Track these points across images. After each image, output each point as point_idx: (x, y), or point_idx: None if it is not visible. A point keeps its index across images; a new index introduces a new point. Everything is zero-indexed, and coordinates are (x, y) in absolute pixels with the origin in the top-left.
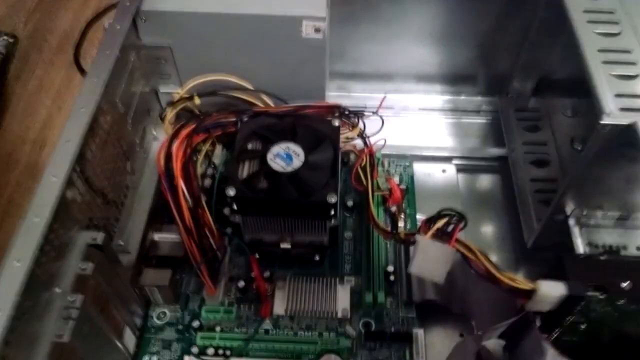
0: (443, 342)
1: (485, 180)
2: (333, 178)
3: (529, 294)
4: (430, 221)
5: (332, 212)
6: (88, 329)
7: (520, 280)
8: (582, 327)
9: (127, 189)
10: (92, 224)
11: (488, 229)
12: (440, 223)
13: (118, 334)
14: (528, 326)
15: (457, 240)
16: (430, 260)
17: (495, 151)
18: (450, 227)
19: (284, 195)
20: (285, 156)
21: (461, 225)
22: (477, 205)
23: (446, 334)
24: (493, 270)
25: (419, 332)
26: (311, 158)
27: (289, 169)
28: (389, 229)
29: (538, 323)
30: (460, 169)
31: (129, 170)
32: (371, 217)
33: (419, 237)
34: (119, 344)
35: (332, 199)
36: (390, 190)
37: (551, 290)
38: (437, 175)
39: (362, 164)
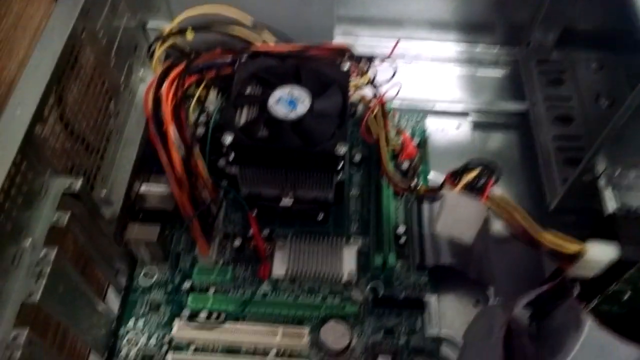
0: (457, 309)
1: (503, 138)
2: (342, 127)
3: (573, 257)
4: (455, 175)
5: (340, 165)
6: (63, 288)
7: (565, 241)
8: (626, 296)
9: (111, 134)
10: (70, 173)
11: (506, 190)
12: (469, 176)
13: (99, 295)
14: (564, 294)
15: (490, 196)
16: (458, 218)
17: (514, 106)
18: (481, 182)
19: (286, 144)
20: (289, 102)
21: (494, 178)
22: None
23: (461, 301)
24: (532, 230)
25: (431, 299)
26: (317, 104)
27: (293, 115)
28: (406, 183)
29: (576, 291)
30: (476, 125)
31: (112, 112)
32: (384, 171)
33: (446, 192)
34: (100, 306)
35: (341, 149)
36: (403, 144)
37: (601, 253)
38: (451, 131)
39: (373, 114)
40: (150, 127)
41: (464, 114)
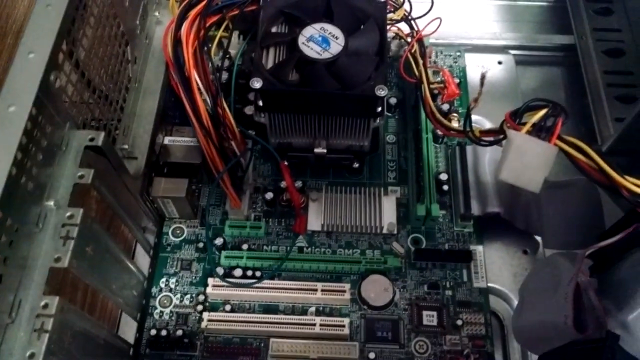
0: (504, 260)
1: (549, 74)
2: (381, 66)
3: None
4: (516, 115)
5: (379, 109)
6: (92, 250)
7: None
8: None
9: (129, 82)
10: (89, 126)
11: None
12: (537, 115)
13: (128, 255)
14: (632, 244)
15: (561, 137)
16: (527, 163)
17: (561, 39)
18: (550, 122)
19: (320, 88)
20: (321, 40)
21: (562, 118)
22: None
23: (508, 252)
24: (613, 173)
25: (477, 249)
26: (353, 42)
27: (327, 55)
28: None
29: None
30: (519, 61)
31: (129, 58)
32: (430, 113)
33: (512, 134)
34: (130, 265)
35: (382, 91)
36: (444, 84)
37: None
38: (492, 68)
39: (412, 51)
40: (172, 73)
41: (505, 49)
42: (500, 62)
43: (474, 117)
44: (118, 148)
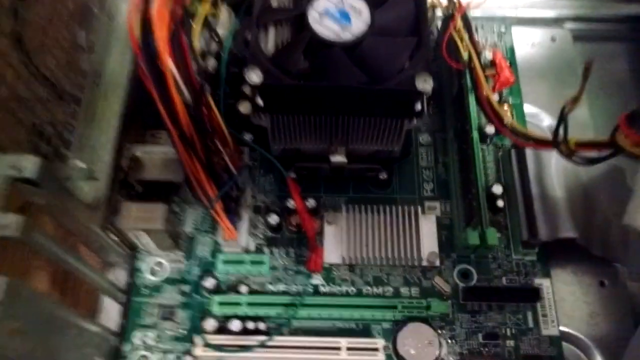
0: (576, 296)
1: (612, 50)
2: (421, 48)
3: None
4: (636, 119)
5: (419, 107)
6: (26, 322)
7: None
8: None
9: (85, 76)
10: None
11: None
12: None
13: (89, 311)
14: None
15: None
16: None
17: (626, 9)
18: None
19: (341, 81)
20: (339, 15)
21: None
22: (602, 85)
23: (580, 285)
24: None
25: (544, 284)
26: (381, 16)
27: (347, 36)
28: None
29: None
30: (576, 36)
31: (83, 45)
32: (491, 112)
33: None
34: (89, 327)
35: (425, 84)
36: (496, 68)
37: None
38: (544, 45)
39: (456, 28)
40: (140, 62)
41: (560, 21)
42: (554, 38)
43: (528, 107)
44: (69, 165)
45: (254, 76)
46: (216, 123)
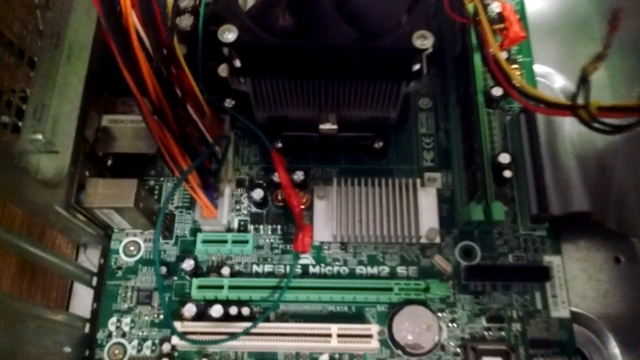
0: (588, 273)
1: (631, 4)
2: (420, 1)
3: None
4: None
5: (418, 67)
6: None
7: None
8: None
9: (41, 37)
10: None
11: None
12: None
13: (57, 301)
14: None
15: None
16: None
17: None
18: None
19: (330, 39)
20: None
21: None
22: (620, 44)
23: (593, 261)
24: None
25: (554, 262)
26: None
27: None
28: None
29: None
30: None
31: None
32: (498, 72)
33: None
34: (60, 318)
35: (424, 40)
36: (505, 22)
37: None
38: None
39: None
40: (101, 18)
41: None
42: None
43: (538, 67)
44: (24, 139)
45: (229, 34)
46: (189, 87)
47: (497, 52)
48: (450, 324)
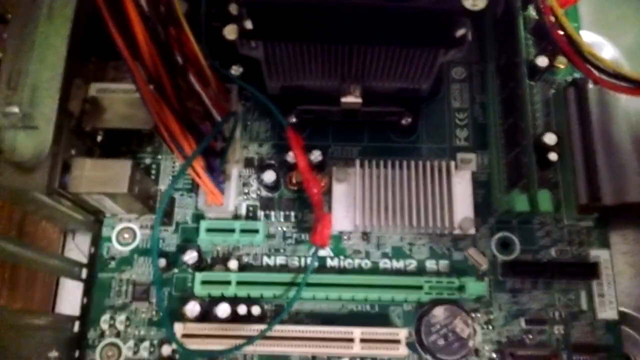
0: (637, 268)
1: None
2: None
3: None
4: None
5: (461, 32)
6: None
7: None
8: None
9: None
10: None
11: None
12: None
13: (42, 303)
14: None
15: None
16: None
17: None
18: None
19: None
20: None
21: None
22: None
23: None
24: None
25: (601, 257)
26: None
27: None
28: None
29: None
30: None
31: None
32: (559, 36)
33: None
34: (44, 322)
35: (477, 0)
36: None
37: None
38: None
39: None
40: None
41: None
42: None
43: (586, 34)
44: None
45: None
46: (190, 52)
47: (557, 9)
48: (485, 326)
